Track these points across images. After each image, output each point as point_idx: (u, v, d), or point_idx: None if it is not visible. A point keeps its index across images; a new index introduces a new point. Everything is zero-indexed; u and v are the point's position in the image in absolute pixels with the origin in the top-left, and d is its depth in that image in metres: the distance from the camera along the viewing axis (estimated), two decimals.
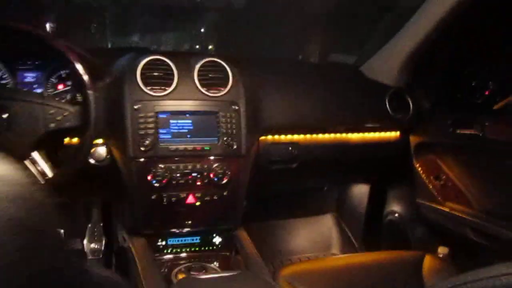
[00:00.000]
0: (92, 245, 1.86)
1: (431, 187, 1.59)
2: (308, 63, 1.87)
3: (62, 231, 1.73)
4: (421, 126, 1.66)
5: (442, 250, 1.47)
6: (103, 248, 1.86)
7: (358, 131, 1.62)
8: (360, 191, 2.06)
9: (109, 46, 2.17)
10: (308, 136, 1.54)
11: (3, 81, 1.28)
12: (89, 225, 1.88)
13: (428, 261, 1.29)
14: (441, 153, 1.60)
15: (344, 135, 1.60)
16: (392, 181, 1.89)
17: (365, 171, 1.88)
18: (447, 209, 1.51)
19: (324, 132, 1.57)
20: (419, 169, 1.64)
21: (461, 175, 1.54)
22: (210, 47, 2.55)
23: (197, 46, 2.53)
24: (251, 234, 1.75)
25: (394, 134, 1.67)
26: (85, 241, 1.86)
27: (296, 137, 1.53)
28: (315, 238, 2.18)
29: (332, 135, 1.58)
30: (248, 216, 1.74)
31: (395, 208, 1.84)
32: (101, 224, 1.89)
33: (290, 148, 1.51)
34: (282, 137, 1.51)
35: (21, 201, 0.50)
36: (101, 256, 1.85)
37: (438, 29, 1.46)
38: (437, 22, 1.44)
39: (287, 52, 2.37)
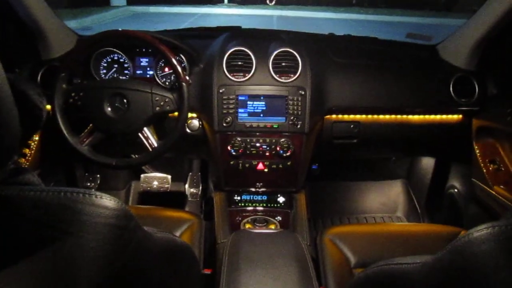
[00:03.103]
0: (192, 190, 2.31)
1: (485, 169, 1.67)
2: (384, 42, 1.95)
3: (169, 176, 2.21)
4: (484, 111, 1.70)
5: None
6: (200, 193, 2.31)
7: (422, 113, 1.72)
8: (428, 162, 2.19)
9: None
10: (370, 116, 1.70)
11: (125, 65, 1.67)
12: (190, 174, 2.34)
13: None
14: (500, 138, 1.66)
15: (405, 116, 1.72)
16: (454, 158, 1.98)
17: (427, 148, 2.00)
18: (496, 193, 1.61)
19: (386, 113, 1.71)
20: (477, 151, 1.71)
21: None
22: None
23: None
24: (320, 194, 2.03)
25: (456, 117, 1.74)
26: (186, 186, 2.33)
27: (358, 116, 1.70)
28: (383, 201, 2.39)
29: (393, 116, 1.72)
30: (320, 178, 2.01)
31: (455, 183, 1.95)
32: (199, 174, 2.33)
33: (351, 126, 1.71)
34: (346, 116, 1.70)
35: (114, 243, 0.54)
36: (198, 199, 2.30)
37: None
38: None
39: None
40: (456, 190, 1.95)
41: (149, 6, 12.26)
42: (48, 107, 1.63)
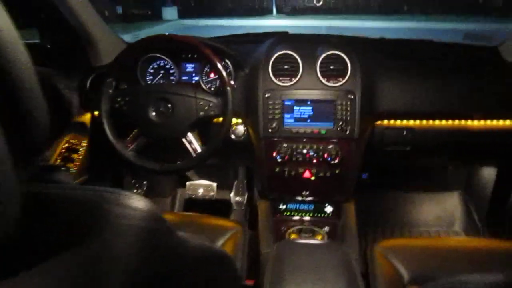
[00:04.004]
0: (237, 198, 2.28)
1: None
2: (439, 44, 1.84)
3: (215, 184, 2.19)
4: None
5: None
6: (245, 201, 2.27)
7: (483, 118, 1.60)
8: (489, 172, 2.04)
9: None
10: (424, 122, 1.60)
11: (171, 71, 1.67)
12: (235, 182, 2.30)
13: None
14: None
15: (464, 121, 1.61)
16: None
17: (488, 156, 1.86)
18: None
19: (443, 119, 1.60)
20: None
21: None
22: None
23: None
24: (371, 204, 1.93)
25: None
26: (231, 194, 2.29)
27: (412, 122, 1.60)
28: (438, 213, 2.24)
29: (451, 122, 1.60)
30: (371, 187, 1.92)
31: None
32: (245, 182, 2.29)
33: (404, 133, 1.61)
34: (398, 121, 1.61)
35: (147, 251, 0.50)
36: (243, 207, 2.26)
37: None
38: None
39: None
40: None
41: (199, 19, 12.59)
42: (96, 112, 1.66)
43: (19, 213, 0.42)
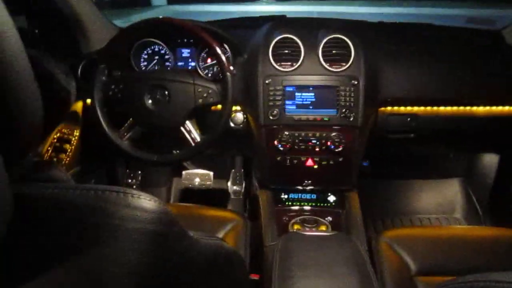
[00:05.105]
0: (234, 188, 2.23)
1: None
2: (441, 28, 1.79)
3: (211, 173, 2.14)
4: None
5: None
6: (243, 191, 2.22)
7: (487, 104, 1.57)
8: (491, 159, 2.01)
9: None
10: (428, 108, 1.56)
11: (167, 56, 1.60)
12: (233, 171, 2.25)
13: None
14: None
15: (468, 108, 1.57)
16: None
17: (492, 142, 1.82)
18: None
19: (447, 105, 1.56)
20: None
21: None
22: None
23: None
24: (371, 192, 1.89)
25: None
26: (229, 183, 2.24)
27: (415, 108, 1.56)
28: (439, 201, 2.21)
29: (455, 108, 1.57)
30: (371, 176, 1.88)
31: None
32: (242, 171, 2.24)
33: (408, 119, 1.57)
34: (402, 108, 1.56)
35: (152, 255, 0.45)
36: (241, 197, 2.21)
37: None
38: None
39: None
40: None
41: (189, 5, 12.38)
42: (88, 101, 1.59)
43: (10, 216, 0.37)
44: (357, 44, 1.45)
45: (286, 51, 1.45)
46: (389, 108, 1.56)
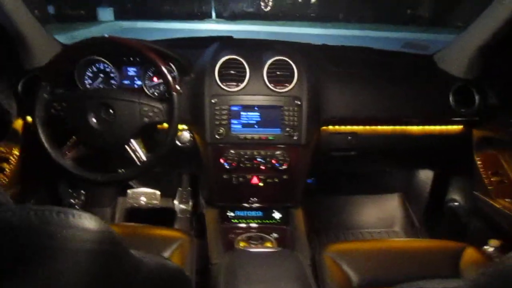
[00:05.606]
0: (181, 206, 2.21)
1: (487, 181, 1.62)
2: (379, 51, 1.90)
3: (158, 192, 2.12)
4: (485, 121, 1.66)
5: (493, 243, 1.52)
6: (190, 209, 2.21)
7: (421, 124, 1.67)
8: (426, 175, 2.13)
9: None
10: (367, 127, 1.64)
11: (112, 75, 1.58)
12: (179, 189, 2.24)
13: (468, 254, 1.34)
14: (502, 149, 1.61)
15: (404, 126, 1.67)
16: (454, 170, 1.92)
17: (426, 160, 1.94)
18: (500, 206, 1.55)
19: (384, 124, 1.65)
20: (479, 163, 1.66)
21: None
22: None
23: None
24: (316, 208, 1.95)
25: (456, 127, 1.70)
26: (175, 202, 2.23)
27: (356, 127, 1.64)
28: (380, 215, 2.32)
29: (392, 127, 1.66)
30: (316, 192, 1.94)
31: (455, 196, 1.89)
32: (189, 189, 2.24)
33: (349, 138, 1.64)
34: (343, 127, 1.64)
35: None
36: (188, 215, 2.20)
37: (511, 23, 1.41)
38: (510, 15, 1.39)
39: None
40: (456, 203, 1.89)
41: (136, 21, 12.22)
42: (29, 118, 1.54)
43: None
44: (300, 66, 1.51)
45: (232, 72, 1.49)
46: (331, 127, 1.63)
